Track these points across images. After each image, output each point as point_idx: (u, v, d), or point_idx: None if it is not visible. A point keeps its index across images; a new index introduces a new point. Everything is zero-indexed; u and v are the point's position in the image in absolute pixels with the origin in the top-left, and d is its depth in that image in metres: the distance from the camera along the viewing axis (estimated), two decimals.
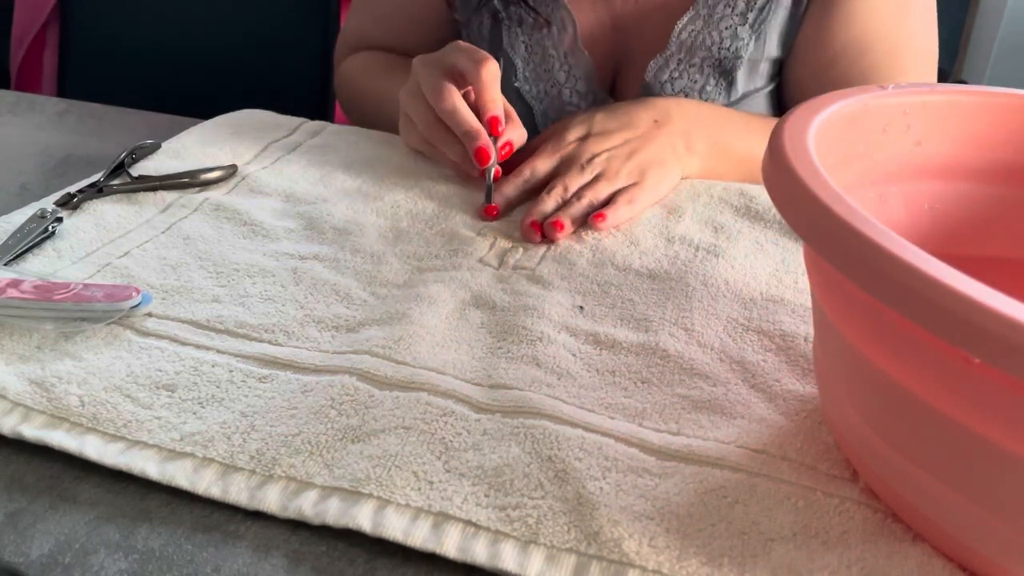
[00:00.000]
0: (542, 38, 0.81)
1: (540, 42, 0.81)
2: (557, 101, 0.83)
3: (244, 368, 0.47)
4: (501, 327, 0.52)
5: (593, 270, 0.58)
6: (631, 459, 0.42)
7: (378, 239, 0.61)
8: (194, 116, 0.83)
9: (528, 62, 0.82)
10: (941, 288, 0.29)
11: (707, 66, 0.79)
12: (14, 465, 0.42)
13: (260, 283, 0.55)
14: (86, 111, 0.87)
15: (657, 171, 0.67)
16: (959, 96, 0.49)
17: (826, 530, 0.38)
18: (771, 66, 0.80)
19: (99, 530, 0.38)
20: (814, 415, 0.45)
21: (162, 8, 1.31)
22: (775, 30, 0.78)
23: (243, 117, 0.82)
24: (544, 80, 0.83)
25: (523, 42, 0.82)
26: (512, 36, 0.82)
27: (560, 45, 0.81)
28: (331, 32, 1.29)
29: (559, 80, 0.82)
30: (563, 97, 0.83)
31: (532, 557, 0.37)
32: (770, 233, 0.63)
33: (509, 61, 0.83)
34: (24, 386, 0.45)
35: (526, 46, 0.82)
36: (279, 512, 0.39)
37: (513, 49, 0.82)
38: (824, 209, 0.33)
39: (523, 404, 0.45)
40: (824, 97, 0.44)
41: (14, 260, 0.56)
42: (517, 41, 0.82)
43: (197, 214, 0.63)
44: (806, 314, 0.54)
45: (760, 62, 0.79)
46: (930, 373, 0.33)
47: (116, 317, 0.50)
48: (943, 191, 0.50)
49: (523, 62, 0.82)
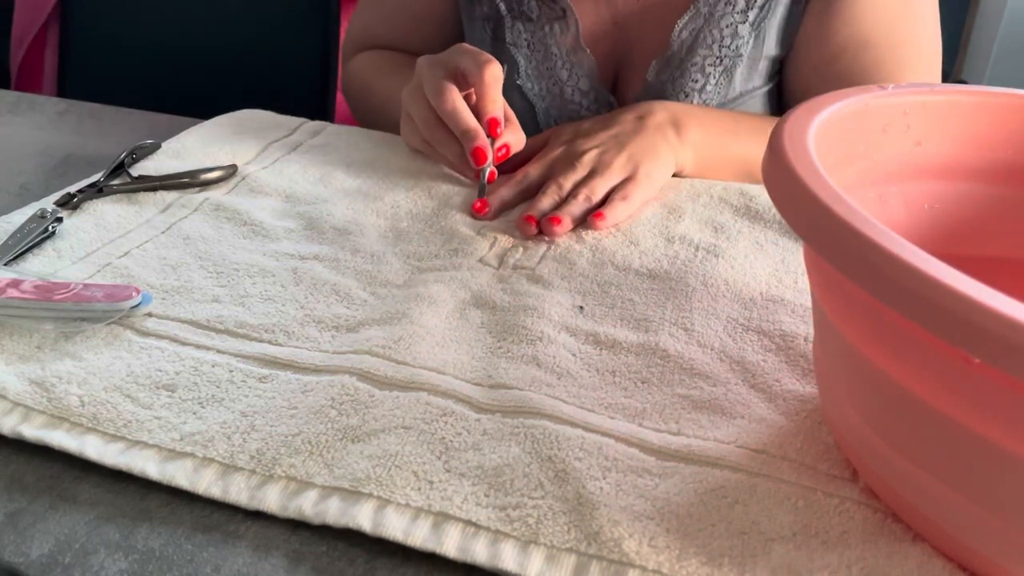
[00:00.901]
0: (544, 36, 0.81)
1: (543, 40, 0.81)
2: (559, 99, 0.83)
3: (244, 368, 0.47)
4: (501, 327, 0.52)
5: (593, 270, 0.58)
6: (631, 459, 0.42)
7: (378, 239, 0.61)
8: (194, 116, 0.83)
9: (531, 60, 0.82)
10: (941, 288, 0.29)
11: (708, 65, 0.79)
12: (14, 465, 0.42)
13: (260, 283, 0.55)
14: (86, 111, 0.87)
15: (650, 162, 0.67)
16: (959, 96, 0.49)
17: (826, 530, 0.38)
18: (770, 65, 0.80)
19: (99, 530, 0.38)
20: (814, 415, 0.45)
21: (162, 8, 1.31)
22: (774, 28, 0.78)
23: (243, 117, 0.82)
24: (546, 78, 0.83)
25: (526, 40, 0.82)
26: (515, 34, 0.82)
27: (562, 43, 0.81)
28: (331, 32, 1.29)
29: (561, 78, 0.82)
30: (565, 95, 0.83)
31: (532, 557, 0.37)
32: (770, 233, 0.63)
33: (512, 59, 0.83)
34: (24, 386, 0.45)
35: (528, 44, 0.82)
36: (279, 512, 0.39)
37: (516, 47, 0.83)
38: (824, 209, 0.33)
39: (523, 404, 0.45)
40: (824, 97, 0.44)
41: (14, 260, 0.56)
42: (520, 39, 0.82)
43: (197, 214, 0.63)
44: (806, 314, 0.54)
45: (759, 60, 0.79)
46: (930, 373, 0.33)
47: (116, 317, 0.50)
48: (943, 191, 0.50)
49: (525, 60, 0.83)
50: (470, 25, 0.87)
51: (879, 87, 0.47)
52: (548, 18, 0.80)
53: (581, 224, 0.63)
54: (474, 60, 0.67)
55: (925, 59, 0.78)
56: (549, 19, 0.80)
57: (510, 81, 0.83)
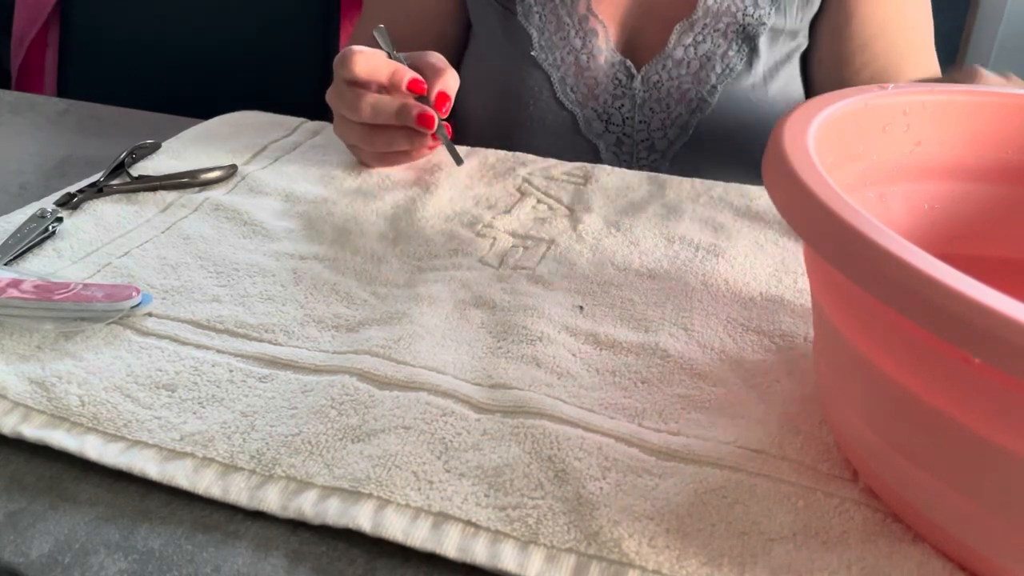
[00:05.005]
0: (556, 7, 0.83)
1: (554, 11, 0.83)
2: (575, 68, 0.84)
3: (244, 368, 0.47)
4: (501, 327, 0.52)
5: (593, 270, 0.58)
6: (631, 459, 0.42)
7: (378, 239, 0.61)
8: (194, 116, 0.83)
9: (543, 31, 0.83)
10: (941, 288, 0.29)
11: (731, 31, 0.81)
12: (14, 465, 0.42)
13: (260, 283, 0.55)
14: (86, 111, 0.87)
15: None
16: (959, 96, 0.49)
17: (826, 530, 0.38)
18: (791, 38, 0.84)
19: (99, 530, 0.38)
20: (814, 415, 0.45)
21: (162, 8, 1.31)
22: (793, 3, 0.82)
23: (243, 117, 0.82)
24: (560, 48, 0.84)
25: (537, 12, 0.83)
26: (525, 7, 0.84)
27: (574, 11, 0.82)
28: (331, 32, 1.29)
29: (575, 47, 0.83)
30: (580, 63, 0.84)
31: (532, 557, 0.37)
32: (770, 233, 0.63)
33: (524, 32, 0.84)
34: (24, 386, 0.45)
35: (540, 15, 0.83)
36: (279, 512, 0.39)
37: (527, 20, 0.84)
38: (824, 209, 0.33)
39: (523, 404, 0.45)
40: (824, 97, 0.44)
41: (14, 260, 0.56)
42: (531, 12, 0.83)
43: (197, 214, 0.63)
44: (806, 314, 0.54)
45: (782, 33, 0.83)
46: (930, 373, 0.33)
47: (116, 317, 0.50)
48: (943, 191, 0.50)
49: (538, 32, 0.84)
50: (476, 4, 0.87)
51: (879, 87, 0.47)
52: None
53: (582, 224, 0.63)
54: (346, 66, 0.66)
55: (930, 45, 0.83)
56: None
57: (524, 53, 0.84)
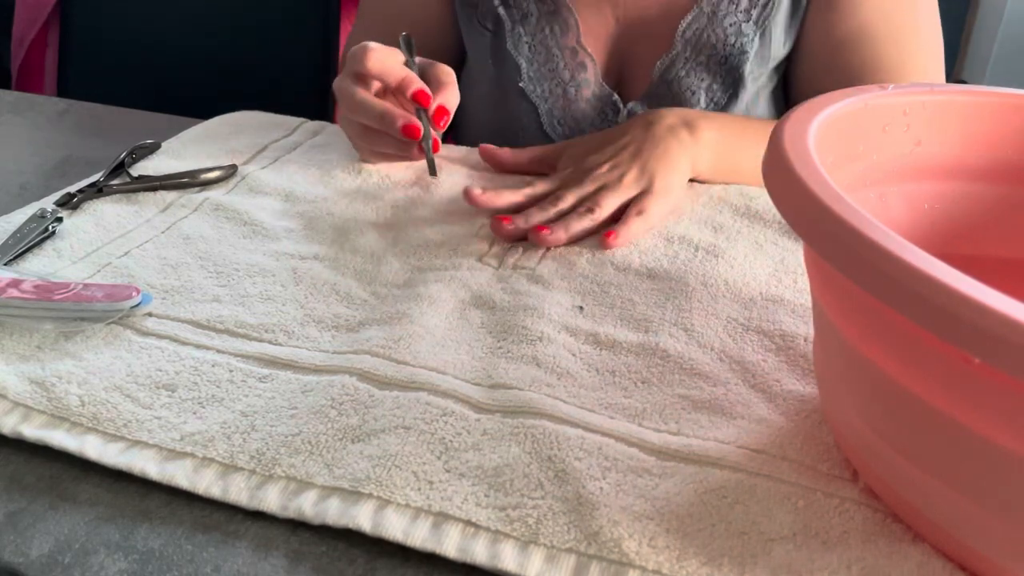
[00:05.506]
0: (545, 38, 0.81)
1: (543, 42, 0.82)
2: (562, 100, 0.83)
3: (244, 368, 0.47)
4: (501, 327, 0.52)
5: (593, 270, 0.58)
6: (631, 459, 0.42)
7: (378, 239, 0.61)
8: (194, 116, 0.84)
9: (532, 62, 0.82)
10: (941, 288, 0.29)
11: (713, 63, 0.79)
12: (14, 465, 0.42)
13: (260, 283, 0.55)
14: (86, 111, 0.87)
15: (665, 171, 0.64)
16: (959, 96, 0.49)
17: (826, 530, 0.38)
18: (776, 64, 0.81)
19: (99, 530, 0.38)
20: (814, 415, 0.45)
21: (162, 8, 1.31)
22: (780, 25, 0.78)
23: (243, 117, 0.82)
24: (549, 80, 0.83)
25: (526, 43, 0.82)
26: (515, 37, 0.82)
27: (564, 44, 0.81)
28: (331, 32, 1.29)
29: (564, 79, 0.82)
30: (568, 96, 0.83)
31: (532, 557, 0.37)
32: (770, 233, 0.63)
33: (513, 63, 0.83)
34: (24, 386, 0.45)
35: (529, 46, 0.82)
36: (279, 512, 0.39)
37: (516, 50, 0.83)
38: (824, 209, 0.33)
39: (523, 404, 0.45)
40: (824, 97, 0.44)
41: (14, 260, 0.56)
42: (520, 42, 0.82)
43: (197, 214, 0.63)
44: (806, 314, 0.54)
45: (768, 59, 0.80)
46: (930, 373, 0.33)
47: (116, 317, 0.50)
48: (943, 191, 0.50)
49: (527, 62, 0.83)
50: (468, 30, 0.86)
51: (879, 87, 0.47)
52: (547, 19, 0.80)
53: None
54: (358, 59, 0.66)
55: (928, 51, 0.79)
56: (548, 20, 0.80)
57: (512, 84, 0.83)
